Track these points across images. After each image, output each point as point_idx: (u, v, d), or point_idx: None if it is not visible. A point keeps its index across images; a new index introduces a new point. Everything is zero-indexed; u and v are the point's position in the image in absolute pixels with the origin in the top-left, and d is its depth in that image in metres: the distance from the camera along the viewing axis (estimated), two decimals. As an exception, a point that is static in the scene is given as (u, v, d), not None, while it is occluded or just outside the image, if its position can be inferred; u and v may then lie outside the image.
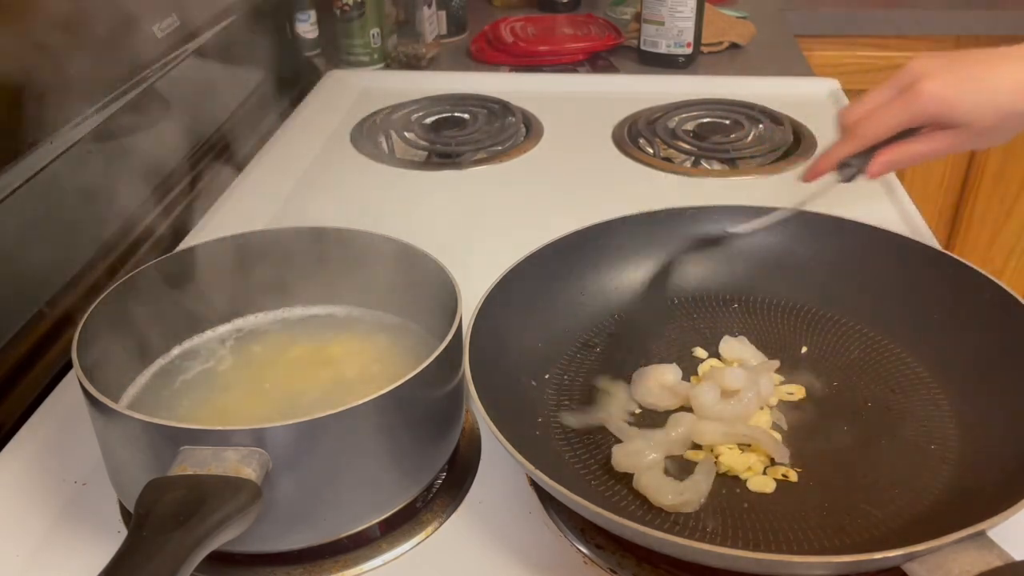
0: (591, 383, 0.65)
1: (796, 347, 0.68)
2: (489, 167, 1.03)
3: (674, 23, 1.29)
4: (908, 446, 0.59)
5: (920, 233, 0.84)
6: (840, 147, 0.69)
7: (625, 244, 0.73)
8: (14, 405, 0.66)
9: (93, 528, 0.56)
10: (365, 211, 0.94)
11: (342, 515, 0.52)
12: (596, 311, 0.71)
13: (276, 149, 1.07)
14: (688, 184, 0.98)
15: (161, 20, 0.93)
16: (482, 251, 0.73)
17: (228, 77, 1.10)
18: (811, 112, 1.12)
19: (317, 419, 0.47)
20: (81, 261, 0.78)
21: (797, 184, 0.73)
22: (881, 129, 0.67)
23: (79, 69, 0.76)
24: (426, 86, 1.21)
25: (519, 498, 0.58)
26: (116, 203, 0.85)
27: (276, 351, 0.63)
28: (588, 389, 0.64)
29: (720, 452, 0.58)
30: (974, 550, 0.43)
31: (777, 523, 0.54)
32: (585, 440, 0.60)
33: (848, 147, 0.69)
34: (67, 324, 0.72)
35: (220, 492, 0.44)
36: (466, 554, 0.55)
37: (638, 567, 0.53)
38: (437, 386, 0.54)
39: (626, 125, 1.11)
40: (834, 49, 1.64)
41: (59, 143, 0.75)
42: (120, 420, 0.49)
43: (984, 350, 0.62)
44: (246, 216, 0.90)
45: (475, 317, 0.61)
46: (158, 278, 0.61)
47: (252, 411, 0.58)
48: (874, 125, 0.67)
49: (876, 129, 0.68)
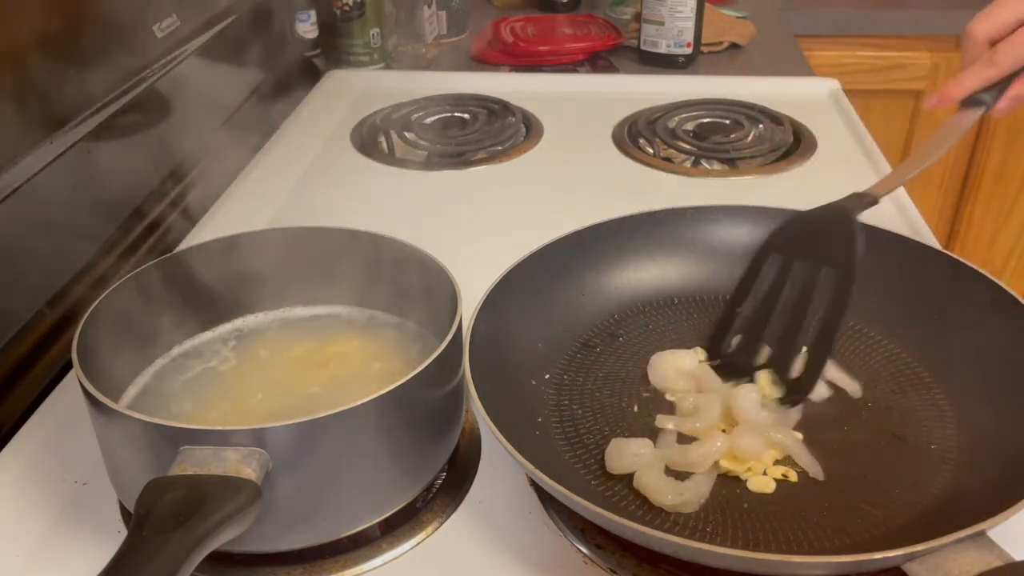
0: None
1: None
2: (489, 167, 1.03)
3: (674, 23, 1.29)
4: (908, 446, 0.59)
5: (920, 233, 0.84)
6: (976, 73, 0.60)
7: (625, 244, 0.73)
8: (14, 405, 0.66)
9: (93, 528, 0.56)
10: (365, 211, 0.94)
11: (342, 515, 0.52)
12: (596, 311, 0.71)
13: (276, 149, 1.07)
14: (688, 184, 0.98)
15: (161, 20, 0.93)
16: (482, 251, 0.73)
17: (228, 77, 1.10)
18: (811, 112, 1.12)
19: (317, 419, 0.47)
20: (81, 261, 0.78)
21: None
22: (1022, 57, 0.58)
23: (79, 69, 0.76)
24: (426, 86, 1.21)
25: (519, 498, 0.58)
26: (116, 203, 0.85)
27: (276, 351, 0.63)
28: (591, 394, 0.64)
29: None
30: (974, 550, 0.43)
31: (777, 523, 0.54)
32: (585, 440, 0.60)
33: (985, 74, 0.59)
34: (67, 324, 0.72)
35: (220, 492, 0.44)
36: (466, 554, 0.55)
37: (638, 567, 0.53)
38: (437, 386, 0.54)
39: (626, 125, 1.11)
40: (834, 49, 1.64)
41: (59, 143, 0.75)
42: (120, 420, 0.49)
43: (984, 350, 0.62)
44: (246, 216, 0.90)
45: (475, 317, 0.61)
46: (158, 278, 0.61)
47: (252, 411, 0.58)
48: (1014, 52, 0.58)
49: (1018, 57, 0.58)
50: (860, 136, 1.06)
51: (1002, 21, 0.59)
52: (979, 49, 0.60)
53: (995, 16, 0.59)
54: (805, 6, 1.65)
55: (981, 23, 0.60)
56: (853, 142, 1.06)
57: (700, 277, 0.74)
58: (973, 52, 0.60)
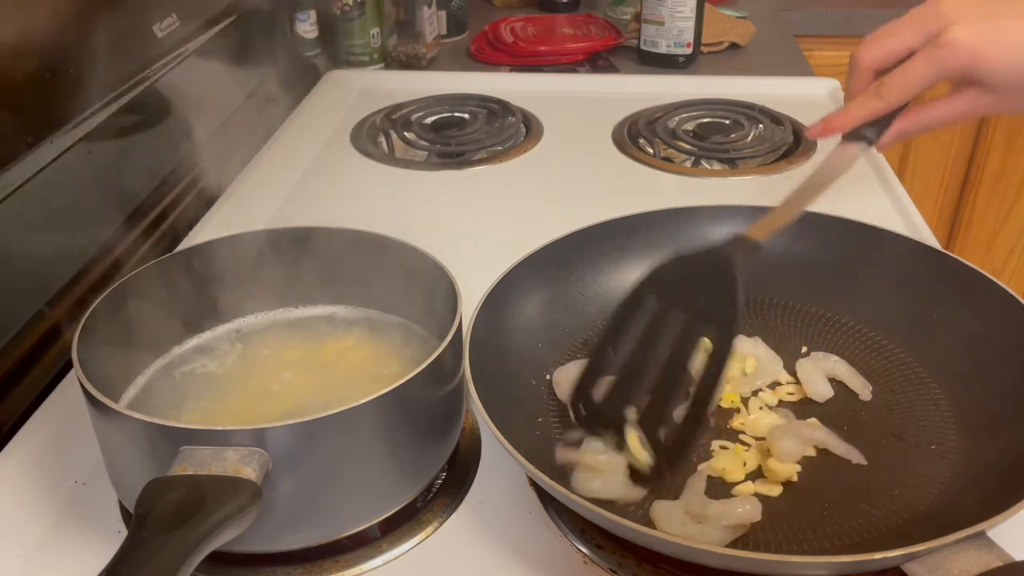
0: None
1: (796, 347, 0.68)
2: (489, 167, 1.03)
3: (674, 23, 1.29)
4: (908, 446, 0.59)
5: (920, 233, 0.84)
6: (863, 104, 0.58)
7: (625, 244, 0.73)
8: (14, 405, 0.66)
9: (93, 528, 0.56)
10: (365, 211, 0.94)
11: (342, 515, 0.52)
12: (596, 311, 0.71)
13: (276, 149, 1.07)
14: (688, 184, 0.98)
15: (161, 20, 0.93)
16: (482, 251, 0.73)
17: (228, 77, 1.10)
18: (811, 112, 1.12)
19: (317, 419, 0.47)
20: (81, 261, 0.78)
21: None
22: (910, 90, 0.56)
23: (79, 69, 0.76)
24: (426, 86, 1.21)
25: (519, 498, 0.58)
26: (116, 203, 0.85)
27: (276, 351, 0.63)
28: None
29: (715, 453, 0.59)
30: (974, 550, 0.43)
31: (777, 523, 0.54)
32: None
33: (871, 106, 0.57)
34: (67, 324, 0.72)
35: (220, 492, 0.44)
36: (466, 554, 0.55)
37: (638, 567, 0.53)
38: (437, 386, 0.54)
39: (626, 125, 1.11)
40: (834, 49, 1.64)
41: (59, 143, 0.75)
42: (120, 420, 0.49)
43: (984, 350, 0.62)
44: (246, 216, 0.90)
45: (475, 317, 0.61)
46: (158, 278, 0.61)
47: (252, 411, 0.58)
48: (901, 84, 0.56)
49: (904, 90, 0.56)
50: (860, 136, 1.06)
51: (889, 50, 0.56)
52: (865, 77, 0.58)
53: (883, 45, 0.57)
54: (805, 6, 1.65)
55: (868, 51, 0.57)
56: (853, 142, 1.06)
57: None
58: (859, 80, 0.58)
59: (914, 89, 0.56)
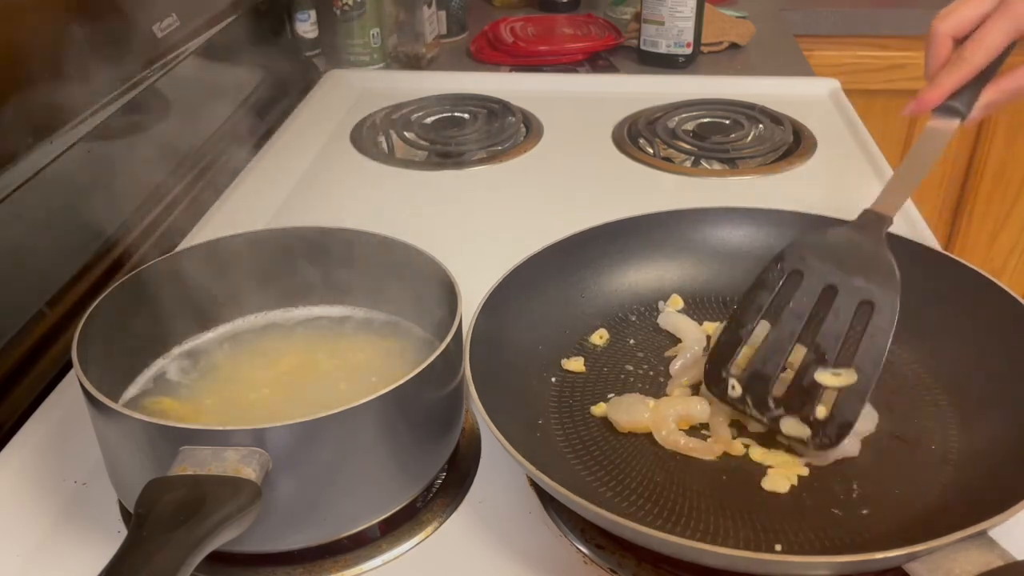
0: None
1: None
2: (489, 167, 1.03)
3: (674, 23, 1.29)
4: (908, 446, 0.59)
5: (920, 233, 0.84)
6: (950, 73, 0.58)
7: (625, 245, 0.73)
8: (14, 405, 0.66)
9: (93, 528, 0.56)
10: (365, 211, 0.94)
11: (342, 515, 0.52)
12: (596, 312, 0.71)
13: (276, 149, 1.07)
14: (688, 184, 0.98)
15: (161, 20, 0.93)
16: (482, 251, 0.73)
17: (228, 77, 1.10)
18: (811, 112, 1.12)
19: (317, 419, 0.47)
20: (81, 261, 0.78)
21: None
22: (991, 49, 0.57)
23: (79, 69, 0.76)
24: (426, 86, 1.21)
25: (519, 498, 0.58)
26: (116, 203, 0.85)
27: (276, 351, 0.63)
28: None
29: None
30: (975, 550, 0.43)
31: (777, 523, 0.54)
32: (585, 440, 0.60)
33: (958, 73, 0.58)
34: (67, 324, 0.72)
35: (220, 492, 0.44)
36: (466, 554, 0.55)
37: (638, 567, 0.53)
38: (437, 386, 0.54)
39: (626, 125, 1.11)
40: (834, 49, 1.64)
41: (59, 143, 0.75)
42: (120, 420, 0.49)
43: (984, 350, 0.62)
44: (246, 216, 0.90)
45: (475, 317, 0.61)
46: (158, 278, 0.61)
47: (252, 411, 0.58)
48: (982, 45, 0.57)
49: (986, 49, 0.57)
50: (860, 136, 1.06)
51: (964, 17, 0.58)
52: (944, 46, 0.60)
53: (958, 13, 0.59)
54: (805, 6, 1.65)
55: (944, 20, 0.59)
56: (853, 142, 1.06)
57: (700, 279, 0.74)
58: (938, 49, 0.60)
59: (995, 48, 0.57)
